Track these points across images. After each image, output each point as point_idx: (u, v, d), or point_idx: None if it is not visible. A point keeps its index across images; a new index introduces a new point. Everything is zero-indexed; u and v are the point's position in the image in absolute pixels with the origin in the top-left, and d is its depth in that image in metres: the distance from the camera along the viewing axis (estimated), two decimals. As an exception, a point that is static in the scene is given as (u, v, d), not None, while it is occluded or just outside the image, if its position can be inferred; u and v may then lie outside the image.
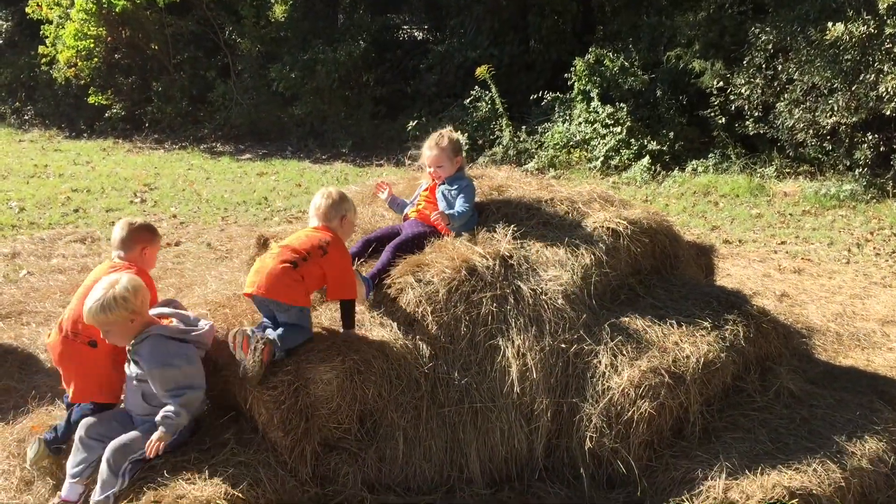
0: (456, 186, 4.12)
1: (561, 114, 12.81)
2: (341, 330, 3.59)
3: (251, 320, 3.70)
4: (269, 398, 3.18)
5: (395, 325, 3.63)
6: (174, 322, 3.32)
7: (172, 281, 6.38)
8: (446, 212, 4.00)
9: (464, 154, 4.30)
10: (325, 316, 3.73)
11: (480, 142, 12.83)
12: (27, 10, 16.11)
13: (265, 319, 3.54)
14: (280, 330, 3.38)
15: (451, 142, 4.17)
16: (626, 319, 3.77)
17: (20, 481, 3.40)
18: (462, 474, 3.49)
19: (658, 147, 11.67)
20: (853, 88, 9.82)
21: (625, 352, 3.58)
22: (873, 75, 9.56)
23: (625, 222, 4.08)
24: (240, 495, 3.02)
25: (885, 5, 9.16)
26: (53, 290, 6.04)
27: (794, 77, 10.55)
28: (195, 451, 3.22)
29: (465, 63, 14.02)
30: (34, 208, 8.96)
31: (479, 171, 5.01)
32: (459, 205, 4.05)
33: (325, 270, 3.50)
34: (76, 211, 8.94)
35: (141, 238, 3.68)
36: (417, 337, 3.59)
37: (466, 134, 12.76)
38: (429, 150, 4.19)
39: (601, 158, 11.86)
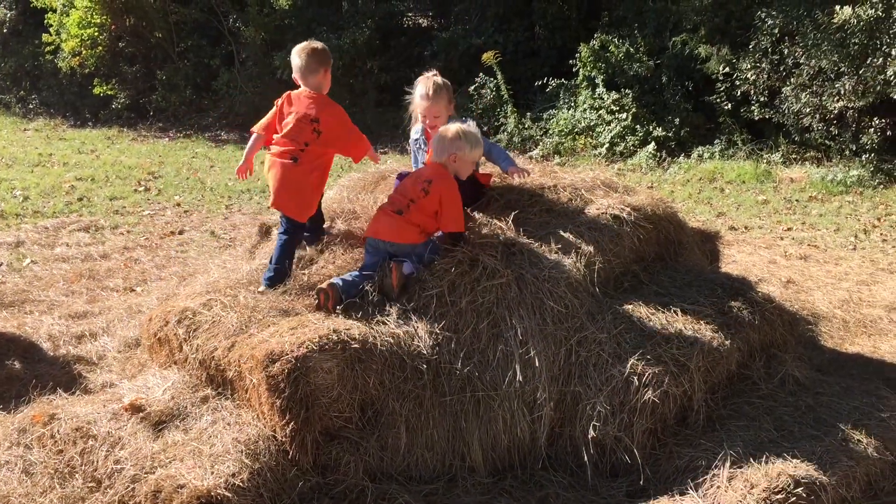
0: None
1: (566, 100, 12.74)
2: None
3: (255, 307, 3.68)
4: (268, 387, 3.16)
5: (396, 313, 3.61)
6: None
7: (175, 269, 6.38)
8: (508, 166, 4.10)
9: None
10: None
11: (485, 129, 12.78)
12: (31, -2, 16.10)
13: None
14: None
15: (446, 90, 4.11)
16: (630, 307, 3.74)
17: (22, 472, 3.39)
18: (464, 463, 3.46)
19: (663, 133, 11.60)
20: (860, 72, 9.73)
21: (628, 339, 3.55)
22: (881, 59, 9.47)
23: (628, 209, 4.05)
24: (240, 485, 3.01)
25: (894, -12, 9.08)
26: (57, 279, 6.04)
27: (801, 61, 10.47)
28: (194, 440, 3.21)
29: (470, 50, 13.95)
30: (38, 197, 8.95)
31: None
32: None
33: (433, 209, 3.73)
34: (80, 200, 8.92)
35: (324, 61, 4.08)
36: (419, 325, 3.57)
37: (472, 121, 12.70)
38: (423, 100, 4.08)
39: (606, 145, 11.80)
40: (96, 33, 15.31)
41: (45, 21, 16.05)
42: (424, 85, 4.12)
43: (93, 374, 4.41)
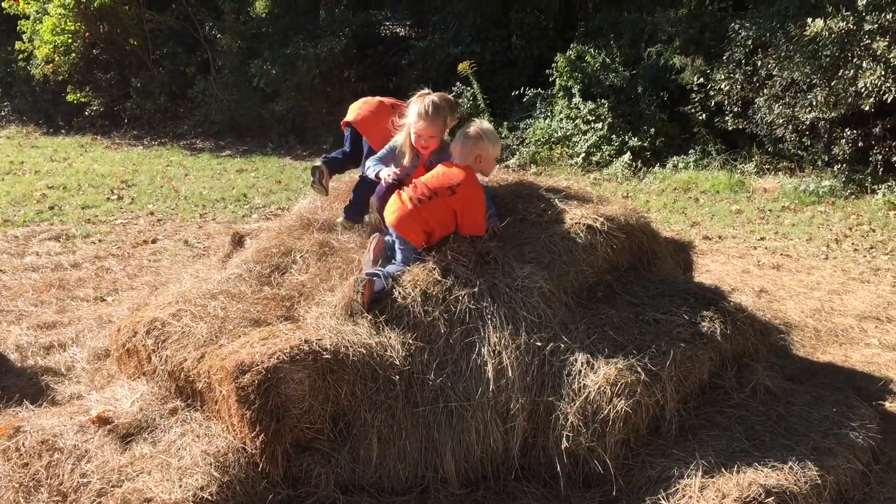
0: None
1: (542, 110, 12.79)
2: None
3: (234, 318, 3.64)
4: (238, 398, 3.12)
5: (369, 323, 3.58)
6: None
7: (147, 279, 6.31)
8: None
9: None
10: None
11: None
12: (4, 4, 15.91)
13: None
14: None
15: (448, 111, 3.97)
16: (603, 317, 3.74)
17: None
18: (437, 474, 3.44)
19: (639, 143, 11.67)
20: (832, 84, 9.84)
21: (601, 349, 3.55)
22: (852, 71, 9.59)
23: (601, 219, 4.04)
24: (209, 498, 2.96)
25: (864, 1, 9.19)
26: (26, 289, 5.95)
27: (774, 72, 10.57)
28: (162, 453, 3.16)
29: (447, 59, 13.97)
30: (8, 206, 8.84)
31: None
32: None
33: (454, 208, 3.76)
34: (51, 208, 8.82)
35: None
36: (392, 335, 3.55)
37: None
38: (420, 120, 3.89)
39: (582, 154, 11.85)
40: (70, 40, 15.17)
41: (18, 28, 15.88)
42: (422, 104, 3.94)
43: (61, 386, 4.34)
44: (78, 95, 15.52)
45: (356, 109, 4.57)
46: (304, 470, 3.28)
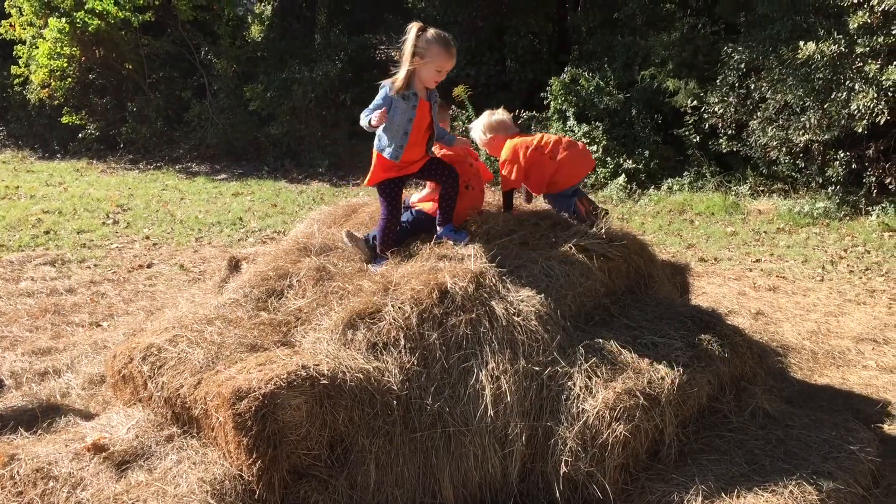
0: None
1: (537, 132, 12.85)
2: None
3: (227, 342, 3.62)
4: (235, 425, 3.10)
5: (366, 348, 3.57)
6: None
7: (143, 303, 6.29)
8: None
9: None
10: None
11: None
12: (0, 29, 15.97)
13: None
14: None
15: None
16: (601, 340, 3.73)
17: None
18: (435, 500, 3.42)
19: (633, 165, 11.73)
20: (825, 106, 9.91)
21: (599, 373, 3.54)
22: (845, 93, 9.66)
23: (598, 242, 4.06)
24: (206, 526, 2.94)
25: (856, 25, 9.28)
26: (21, 314, 5.92)
27: (767, 95, 10.65)
28: (158, 480, 3.13)
29: (442, 83, 14.04)
30: (3, 230, 8.82)
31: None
32: None
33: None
34: (47, 233, 8.80)
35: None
36: (389, 360, 3.53)
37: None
38: (452, 57, 4.43)
39: (577, 177, 11.89)
40: (66, 65, 15.23)
41: (14, 53, 15.94)
42: (444, 40, 4.31)
43: (56, 413, 4.30)
44: (74, 118, 15.55)
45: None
46: (302, 497, 3.25)
